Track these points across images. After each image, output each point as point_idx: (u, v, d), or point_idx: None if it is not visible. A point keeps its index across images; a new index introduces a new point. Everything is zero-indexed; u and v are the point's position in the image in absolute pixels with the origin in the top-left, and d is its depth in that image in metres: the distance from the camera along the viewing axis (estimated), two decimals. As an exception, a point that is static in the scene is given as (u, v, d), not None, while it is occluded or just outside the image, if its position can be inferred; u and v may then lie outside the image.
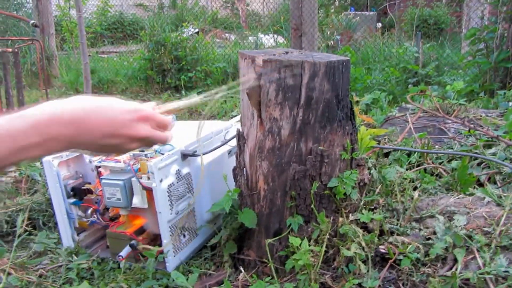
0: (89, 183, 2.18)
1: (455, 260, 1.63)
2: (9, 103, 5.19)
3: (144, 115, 0.95)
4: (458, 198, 1.97)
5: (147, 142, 0.98)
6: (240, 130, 1.97)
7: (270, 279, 1.77)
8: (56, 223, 2.20)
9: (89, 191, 2.15)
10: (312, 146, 1.73)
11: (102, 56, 9.58)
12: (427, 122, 3.44)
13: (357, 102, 4.08)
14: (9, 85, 5.21)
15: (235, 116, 3.21)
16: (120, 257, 1.97)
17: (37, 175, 3.15)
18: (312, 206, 1.77)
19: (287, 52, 1.91)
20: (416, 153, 2.76)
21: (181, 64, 7.09)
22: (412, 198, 1.96)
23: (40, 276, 2.05)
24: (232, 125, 2.57)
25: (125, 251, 1.99)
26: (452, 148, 2.89)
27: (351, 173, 1.79)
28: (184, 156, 2.04)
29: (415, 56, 6.23)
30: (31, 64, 8.73)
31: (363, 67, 6.54)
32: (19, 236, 2.17)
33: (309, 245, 1.70)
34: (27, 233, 2.45)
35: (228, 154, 2.37)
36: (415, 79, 5.79)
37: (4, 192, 2.99)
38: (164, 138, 1.02)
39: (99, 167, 2.13)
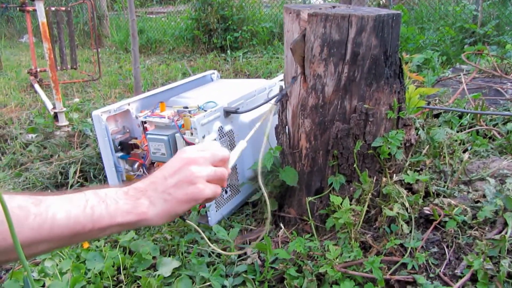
0: (136, 138, 2.24)
1: (505, 224, 1.55)
2: (63, 61, 5.37)
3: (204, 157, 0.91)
4: (512, 161, 1.87)
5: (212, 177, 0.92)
6: (283, 87, 1.93)
7: (310, 236, 1.77)
8: (105, 176, 2.29)
9: (136, 146, 2.21)
10: (356, 104, 1.68)
11: (151, 16, 9.64)
12: (483, 83, 3.25)
13: (408, 62, 3.91)
14: (63, 44, 5.37)
15: (279, 75, 3.16)
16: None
17: (88, 130, 3.27)
18: (355, 165, 1.73)
19: (334, 7, 1.83)
20: (469, 114, 2.62)
21: (227, 24, 7.02)
22: (462, 161, 1.88)
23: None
24: (276, 84, 2.53)
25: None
26: (508, 110, 2.72)
27: (397, 133, 1.73)
28: (227, 113, 2.04)
29: (474, 15, 5.83)
30: (83, 24, 8.94)
31: (416, 26, 6.22)
32: (71, 186, 2.27)
33: (351, 204, 1.68)
34: (79, 183, 2.57)
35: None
36: (472, 39, 5.44)
37: (58, 145, 3.13)
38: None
39: (145, 122, 2.17)
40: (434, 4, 7.39)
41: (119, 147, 2.22)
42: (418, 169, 1.87)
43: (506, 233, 1.51)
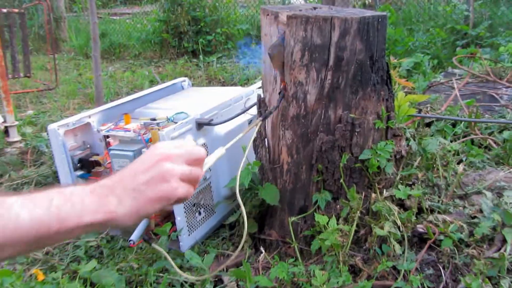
0: (97, 154, 2.20)
1: (504, 241, 1.58)
2: (15, 69, 5.27)
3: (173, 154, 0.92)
4: (510, 172, 1.91)
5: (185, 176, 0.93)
6: (262, 96, 1.94)
7: (293, 261, 1.77)
8: (63, 198, 2.24)
9: (97, 163, 2.17)
10: (342, 114, 1.69)
11: (114, 17, 9.60)
12: (476, 89, 3.32)
13: (396, 66, 3.98)
14: (15, 50, 5.27)
15: (257, 82, 3.17)
16: (131, 242, 2.00)
17: (44, 146, 3.22)
18: (341, 180, 1.74)
19: (315, 8, 1.85)
20: (462, 122, 2.68)
21: (199, 26, 7.04)
22: (456, 173, 1.91)
23: (47, 253, 2.10)
24: (253, 92, 2.53)
25: (137, 234, 2.00)
26: (504, 117, 2.78)
27: (386, 144, 1.75)
28: (200, 125, 2.03)
29: (465, 15, 5.99)
30: (38, 27, 8.83)
31: (405, 28, 6.35)
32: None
33: (338, 224, 1.68)
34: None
35: (249, 123, 2.34)
36: (464, 41, 5.58)
37: (9, 163, 3.06)
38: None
39: (108, 137, 2.15)
40: (423, 4, 7.57)
41: (78, 164, 2.18)
42: (410, 183, 1.89)
43: (505, 250, 1.53)
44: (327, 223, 1.67)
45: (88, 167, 2.18)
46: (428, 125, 2.78)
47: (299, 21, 1.62)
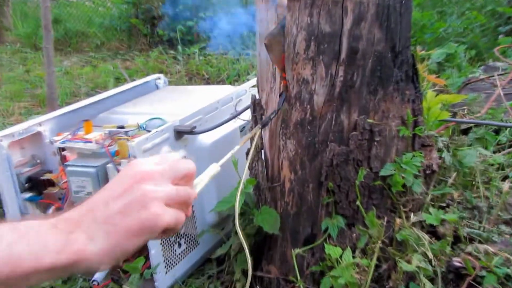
0: (50, 172, 2.20)
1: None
2: None
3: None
4: None
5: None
6: (257, 97, 1.94)
7: (298, 304, 1.77)
8: (6, 227, 2.23)
9: (50, 183, 2.17)
10: (357, 119, 1.70)
11: (70, 0, 9.62)
12: (524, 86, 3.35)
13: (425, 59, 4.00)
14: None
15: (251, 79, 3.18)
16: (95, 283, 1.99)
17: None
18: (358, 202, 1.74)
19: (322, -14, 1.86)
20: (508, 129, 2.69)
21: (177, 9, 7.06)
22: (501, 192, 1.92)
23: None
24: (246, 91, 2.54)
25: (102, 272, 2.00)
26: (559, 122, 2.80)
27: (414, 156, 1.75)
28: (179, 134, 2.03)
29: (509, -6, 6.06)
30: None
31: (434, 10, 6.40)
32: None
33: (354, 257, 1.68)
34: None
35: (241, 131, 2.35)
36: (509, 27, 5.64)
37: None
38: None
39: (64, 149, 2.14)
40: (457, -19, 7.64)
41: (27, 184, 2.17)
42: (444, 205, 1.89)
43: None
44: (341, 257, 1.67)
45: (39, 187, 2.17)
46: (465, 132, 2.79)
47: (303, 4, 1.63)
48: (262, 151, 1.91)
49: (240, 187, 1.74)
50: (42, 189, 2.17)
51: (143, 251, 2.05)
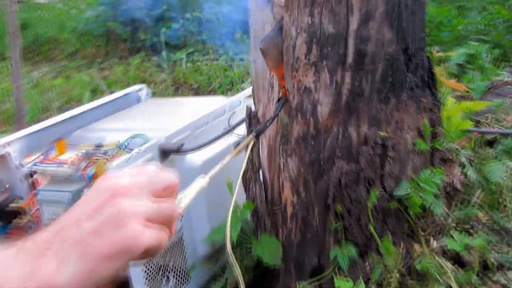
0: (21, 198, 2.19)
1: None
2: None
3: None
4: None
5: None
6: (253, 109, 1.94)
7: None
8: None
9: (20, 212, 2.16)
10: (367, 132, 1.70)
11: (39, 2, 9.66)
12: (556, 90, 3.36)
13: (442, 61, 4.02)
14: None
15: (246, 88, 3.19)
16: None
17: None
18: (371, 227, 1.73)
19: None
20: (539, 139, 2.69)
21: (161, 10, 7.08)
22: (534, 212, 1.92)
23: None
24: (241, 103, 2.54)
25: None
26: None
27: (433, 173, 1.75)
28: (165, 153, 2.03)
29: (536, -15, 6.10)
30: None
31: (452, 5, 6.43)
32: None
33: (367, 290, 1.67)
34: None
35: (235, 147, 2.35)
36: (536, 22, 5.66)
37: None
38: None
39: (34, 173, 2.14)
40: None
41: (-9, 215, 2.17)
42: (468, 227, 1.89)
43: None
44: (353, 290, 1.66)
45: (7, 217, 2.16)
46: (491, 143, 2.79)
47: (303, 2, 1.64)
48: (260, 171, 1.91)
49: (231, 211, 1.74)
50: (10, 219, 2.16)
51: (126, 287, 2.05)
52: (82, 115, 2.51)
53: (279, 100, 1.77)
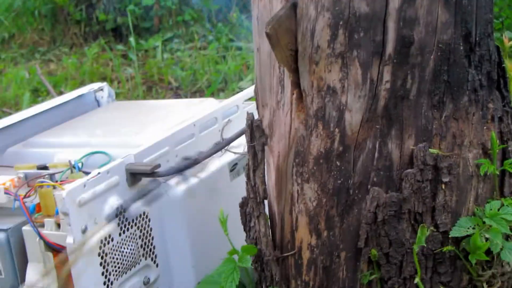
0: None
1: None
2: None
3: None
4: None
5: None
6: (256, 116, 1.95)
7: None
8: None
9: None
10: (414, 148, 1.70)
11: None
12: None
13: (514, 51, 4.02)
14: None
15: (246, 88, 3.20)
16: None
17: None
18: (417, 279, 1.73)
19: None
20: None
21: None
22: None
23: None
24: (238, 108, 2.55)
25: None
26: None
27: (503, 205, 1.75)
28: (134, 176, 2.03)
29: None
30: None
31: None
32: None
33: None
34: None
35: (231, 170, 2.35)
36: None
37: None
38: None
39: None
40: None
41: None
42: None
43: None
44: None
45: None
46: None
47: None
48: (266, 202, 1.90)
49: (226, 257, 1.74)
50: None
51: None
52: (20, 125, 2.52)
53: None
